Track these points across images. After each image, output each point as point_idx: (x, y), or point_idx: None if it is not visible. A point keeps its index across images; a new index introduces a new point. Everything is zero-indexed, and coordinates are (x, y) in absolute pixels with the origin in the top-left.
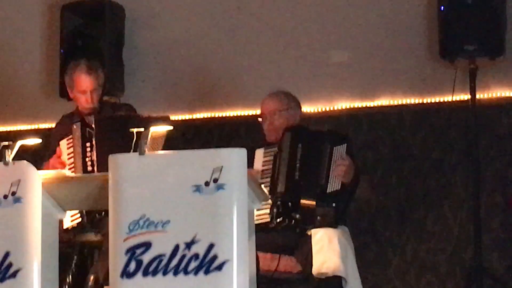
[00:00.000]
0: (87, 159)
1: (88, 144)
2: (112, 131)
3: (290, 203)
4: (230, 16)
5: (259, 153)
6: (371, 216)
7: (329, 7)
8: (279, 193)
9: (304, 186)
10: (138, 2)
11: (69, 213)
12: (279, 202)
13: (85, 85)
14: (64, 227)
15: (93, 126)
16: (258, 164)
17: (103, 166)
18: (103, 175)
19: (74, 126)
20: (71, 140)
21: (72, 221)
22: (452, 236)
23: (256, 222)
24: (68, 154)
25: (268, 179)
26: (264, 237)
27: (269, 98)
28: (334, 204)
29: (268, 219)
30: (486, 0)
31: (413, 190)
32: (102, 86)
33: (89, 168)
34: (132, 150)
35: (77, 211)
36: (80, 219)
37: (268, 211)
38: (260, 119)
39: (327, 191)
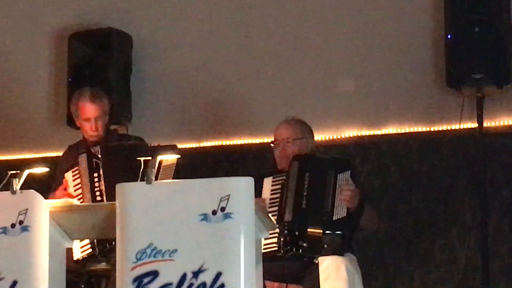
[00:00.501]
0: (95, 189)
1: (95, 175)
2: (119, 160)
3: (297, 232)
4: (238, 44)
5: (268, 182)
6: (378, 245)
7: (336, 36)
8: (286, 222)
9: (311, 214)
10: (145, 31)
11: (79, 244)
12: (286, 231)
13: (89, 113)
14: (75, 258)
15: (100, 156)
16: (267, 192)
17: (112, 195)
18: (111, 204)
19: (80, 157)
20: (77, 171)
21: (82, 252)
22: (460, 264)
23: (264, 251)
24: (75, 186)
25: (276, 208)
26: (272, 265)
27: (284, 125)
28: (340, 232)
29: (276, 248)
30: (493, 29)
31: (420, 218)
32: (107, 113)
33: (98, 198)
34: (139, 179)
35: (87, 242)
36: (90, 250)
37: (275, 240)
38: (272, 145)
39: (333, 219)
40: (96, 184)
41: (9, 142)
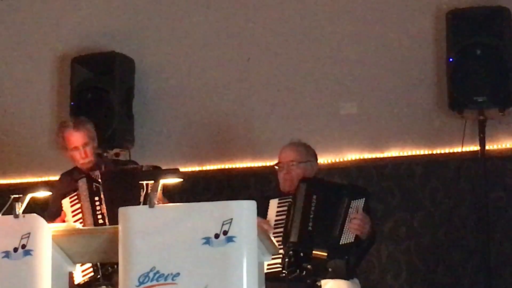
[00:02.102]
0: (97, 212)
1: (96, 198)
2: (120, 184)
3: (302, 253)
4: (240, 68)
5: (274, 203)
6: (381, 268)
7: (338, 60)
8: (292, 243)
9: (317, 237)
10: (147, 55)
11: (80, 268)
12: (291, 252)
13: (76, 142)
14: (76, 282)
15: (99, 180)
16: (272, 214)
17: (113, 219)
18: (113, 228)
19: (80, 182)
20: (76, 196)
21: (84, 276)
22: (463, 287)
23: (267, 271)
24: (73, 212)
25: (282, 229)
26: (275, 286)
27: (289, 147)
28: (346, 257)
29: (280, 268)
30: (495, 52)
31: (423, 241)
32: (93, 139)
33: (100, 222)
34: (141, 203)
35: (89, 265)
36: (92, 274)
37: (280, 260)
38: (276, 167)
39: (340, 243)
40: (98, 208)
41: (12, 166)
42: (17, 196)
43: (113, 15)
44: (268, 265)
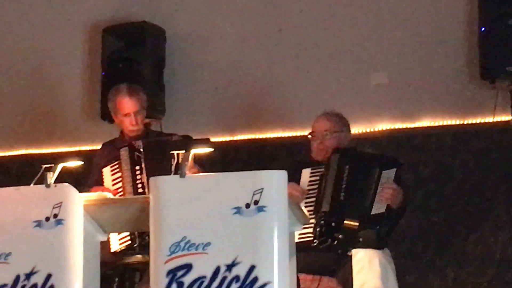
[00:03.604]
0: (137, 181)
1: (137, 168)
2: (161, 154)
3: (333, 223)
4: (271, 39)
5: (306, 173)
6: (411, 239)
7: (369, 30)
8: (323, 213)
9: (349, 207)
10: (179, 25)
11: (117, 236)
12: (322, 222)
13: (128, 108)
14: (112, 250)
15: (141, 149)
16: (304, 183)
17: None
18: (145, 197)
19: (122, 151)
20: (117, 165)
21: (120, 244)
22: (493, 258)
23: (299, 240)
24: (113, 180)
25: (313, 199)
26: (306, 257)
27: (323, 117)
28: (377, 227)
29: (311, 238)
30: None
31: (453, 212)
32: (145, 108)
33: (140, 191)
34: (173, 173)
35: (127, 234)
36: (129, 242)
37: (311, 230)
38: (310, 136)
39: (371, 213)
40: (138, 177)
41: (43, 136)
42: (48, 165)
43: None
44: (300, 234)
